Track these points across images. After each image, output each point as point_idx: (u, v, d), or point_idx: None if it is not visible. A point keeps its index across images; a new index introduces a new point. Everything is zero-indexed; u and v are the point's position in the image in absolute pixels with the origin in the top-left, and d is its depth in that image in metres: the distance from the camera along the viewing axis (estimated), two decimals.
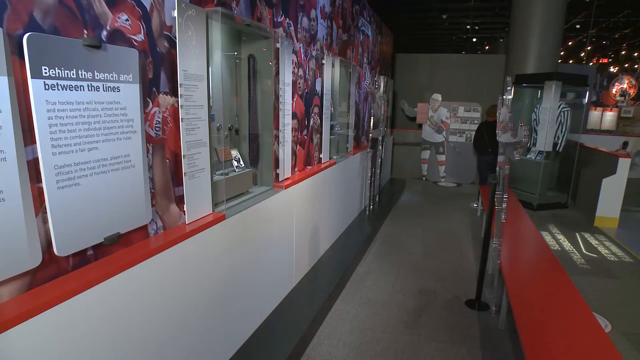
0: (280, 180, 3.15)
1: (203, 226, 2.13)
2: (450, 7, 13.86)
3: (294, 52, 3.35)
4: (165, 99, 1.91)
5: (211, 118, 2.34)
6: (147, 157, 1.82)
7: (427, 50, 17.82)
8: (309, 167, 3.95)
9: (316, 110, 3.99)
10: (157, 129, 1.88)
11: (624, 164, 6.29)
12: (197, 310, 2.16)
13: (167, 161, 1.97)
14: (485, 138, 6.81)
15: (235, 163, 2.79)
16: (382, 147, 5.98)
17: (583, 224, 6.54)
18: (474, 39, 19.55)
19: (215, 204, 2.34)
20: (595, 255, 5.17)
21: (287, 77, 3.08)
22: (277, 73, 2.98)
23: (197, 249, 2.11)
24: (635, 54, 20.01)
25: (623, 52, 20.79)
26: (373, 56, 6.75)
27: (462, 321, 3.48)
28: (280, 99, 3.02)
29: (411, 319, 3.49)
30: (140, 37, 1.72)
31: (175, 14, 1.84)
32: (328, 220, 4.43)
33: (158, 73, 1.86)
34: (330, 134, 4.45)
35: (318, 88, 4.01)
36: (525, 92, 7.91)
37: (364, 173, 5.87)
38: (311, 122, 3.89)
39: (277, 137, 3.07)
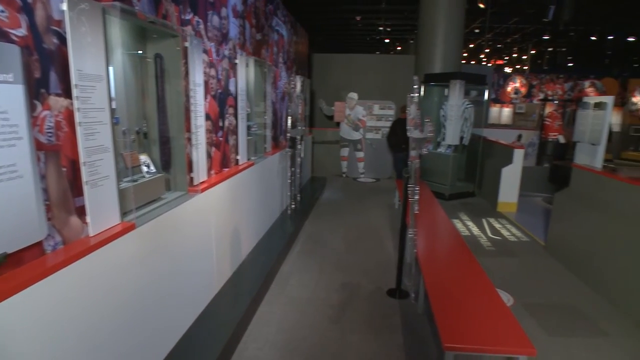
0: (195, 184, 3.03)
1: (110, 237, 1.97)
2: (363, 9, 14.36)
3: (205, 51, 3.24)
4: (57, 101, 1.74)
5: (115, 121, 2.18)
6: (39, 166, 1.64)
7: (345, 50, 18.31)
8: (226, 169, 3.85)
9: (231, 110, 3.90)
10: (49, 134, 1.70)
11: (518, 154, 7.00)
12: (108, 331, 1.99)
13: (64, 170, 1.79)
14: (398, 135, 7.15)
15: (145, 168, 2.62)
16: (301, 146, 6.02)
17: (488, 210, 7.15)
18: (387, 40, 20.47)
19: (124, 213, 2.18)
20: (499, 238, 5.67)
21: (197, 77, 2.97)
22: (187, 73, 2.85)
23: (104, 263, 1.95)
24: (525, 57, 22.34)
25: (515, 55, 23.11)
26: (289, 56, 6.76)
27: (385, 310, 3.63)
28: (192, 100, 2.90)
29: (336, 313, 3.55)
30: (21, 31, 1.54)
31: (65, 7, 1.68)
32: (249, 222, 4.36)
33: (47, 72, 1.68)
34: (248, 135, 4.37)
35: (232, 88, 3.92)
36: (434, 90, 8.45)
37: (284, 173, 5.86)
38: (226, 123, 3.79)
39: (190, 139, 2.95)
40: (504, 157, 7.25)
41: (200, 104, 3.04)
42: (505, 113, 15.60)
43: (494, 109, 15.34)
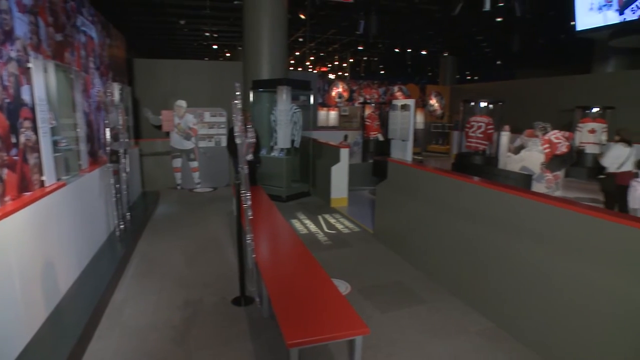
0: None
1: None
2: (187, 13, 13.87)
3: None
4: None
5: None
6: None
7: (173, 56, 17.43)
8: (28, 194, 3.25)
9: (28, 124, 3.29)
10: None
11: (344, 153, 7.68)
12: None
13: None
14: (234, 142, 7.11)
15: None
16: (125, 159, 5.48)
17: (323, 207, 7.64)
18: (215, 46, 20.22)
19: None
20: (334, 232, 6.11)
21: None
22: None
23: None
24: (345, 65, 24.78)
25: (336, 63, 25.42)
26: (102, 61, 6.08)
27: (231, 320, 3.56)
28: None
29: (180, 334, 3.34)
30: None
31: None
32: (67, 251, 3.78)
33: None
34: (55, 151, 3.77)
35: (27, 97, 3.32)
36: (263, 96, 8.63)
37: (108, 190, 5.25)
38: (22, 139, 3.19)
39: None
40: (332, 156, 7.85)
41: None
42: (332, 116, 17.01)
43: (322, 112, 16.57)
